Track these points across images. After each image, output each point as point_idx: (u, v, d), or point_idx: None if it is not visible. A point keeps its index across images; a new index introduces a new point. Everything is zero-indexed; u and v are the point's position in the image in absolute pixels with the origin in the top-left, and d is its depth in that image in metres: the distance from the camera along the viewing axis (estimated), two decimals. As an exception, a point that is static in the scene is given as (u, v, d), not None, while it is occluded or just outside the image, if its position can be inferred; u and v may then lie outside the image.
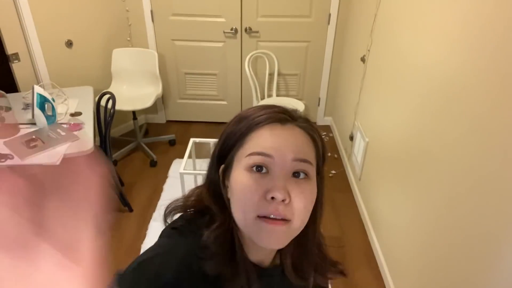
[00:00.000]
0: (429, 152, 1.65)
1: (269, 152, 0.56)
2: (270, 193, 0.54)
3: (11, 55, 2.53)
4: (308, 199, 0.57)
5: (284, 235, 0.56)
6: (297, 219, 0.56)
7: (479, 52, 1.29)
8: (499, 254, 1.18)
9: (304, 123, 0.61)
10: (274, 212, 0.54)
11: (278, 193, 0.53)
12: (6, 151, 1.94)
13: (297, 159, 0.56)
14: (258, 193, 0.54)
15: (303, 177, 0.57)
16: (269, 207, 0.54)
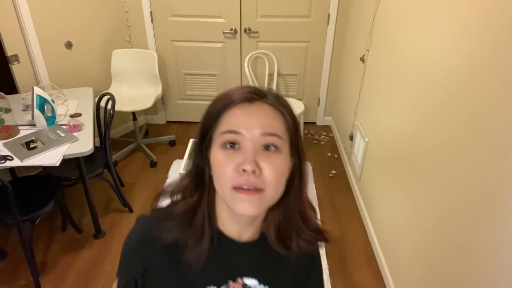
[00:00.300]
0: (429, 152, 1.65)
1: (239, 130, 0.61)
2: (241, 166, 0.60)
3: (11, 56, 2.53)
4: (278, 169, 0.62)
5: (258, 203, 0.61)
6: (268, 188, 0.61)
7: (478, 52, 1.29)
8: (499, 253, 1.17)
9: (273, 99, 0.65)
10: (246, 183, 0.60)
11: (248, 166, 0.59)
12: (6, 153, 1.94)
13: (265, 134, 0.62)
14: (231, 167, 0.61)
15: (273, 149, 0.62)
16: (241, 178, 0.60)
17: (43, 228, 2.49)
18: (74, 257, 2.28)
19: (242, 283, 0.72)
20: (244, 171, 0.60)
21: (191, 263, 0.67)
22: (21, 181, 2.22)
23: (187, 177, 0.71)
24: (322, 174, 3.08)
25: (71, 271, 2.18)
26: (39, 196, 2.08)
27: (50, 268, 2.20)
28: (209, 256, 0.68)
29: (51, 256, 2.28)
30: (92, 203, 2.32)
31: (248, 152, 0.61)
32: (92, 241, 2.39)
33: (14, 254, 2.28)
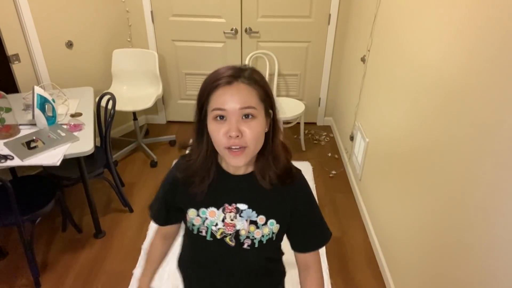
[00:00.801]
0: (430, 152, 1.64)
1: (223, 107, 0.84)
2: (228, 133, 0.84)
3: (12, 56, 2.53)
4: (255, 131, 0.85)
5: (244, 157, 0.87)
6: (250, 145, 0.86)
7: (479, 52, 1.29)
8: (499, 254, 1.17)
9: (247, 78, 0.86)
10: (233, 144, 0.85)
11: (233, 132, 0.83)
12: (6, 152, 1.94)
13: (242, 107, 0.83)
14: (222, 133, 0.84)
15: (250, 117, 0.85)
16: (230, 141, 0.84)
17: (43, 227, 2.49)
18: (74, 256, 2.28)
19: (236, 206, 0.97)
20: (231, 136, 0.83)
21: (197, 194, 0.97)
22: (21, 181, 2.22)
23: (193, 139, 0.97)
24: (323, 174, 3.08)
25: (71, 271, 2.18)
26: (40, 196, 2.08)
27: (51, 267, 2.20)
28: (211, 185, 0.97)
29: (52, 255, 2.28)
30: (92, 203, 2.33)
31: (232, 123, 0.84)
32: (92, 240, 2.39)
33: (14, 254, 2.28)
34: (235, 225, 0.97)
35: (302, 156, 3.31)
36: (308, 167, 3.14)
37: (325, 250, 2.32)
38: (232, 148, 0.85)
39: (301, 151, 3.39)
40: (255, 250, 0.98)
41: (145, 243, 2.36)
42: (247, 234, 0.97)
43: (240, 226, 0.97)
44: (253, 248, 0.97)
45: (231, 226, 0.97)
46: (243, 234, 0.97)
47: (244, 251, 0.98)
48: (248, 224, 0.97)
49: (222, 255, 1.00)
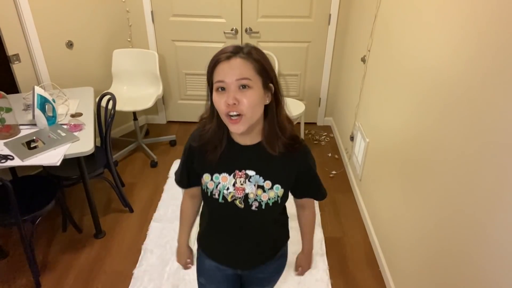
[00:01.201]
0: (430, 153, 1.64)
1: (223, 79, 0.96)
2: (227, 101, 0.96)
3: (12, 56, 2.53)
4: (250, 99, 0.96)
5: (241, 124, 0.98)
6: (246, 113, 0.96)
7: (480, 53, 1.29)
8: (500, 254, 1.17)
9: (245, 54, 0.98)
10: (231, 111, 0.96)
11: (230, 100, 0.95)
12: (7, 152, 1.94)
13: (238, 79, 0.95)
14: (222, 102, 0.97)
15: (246, 88, 0.96)
16: (228, 109, 0.96)
17: (43, 227, 2.49)
18: (75, 256, 2.28)
19: (245, 172, 1.10)
20: (229, 104, 0.96)
21: (210, 161, 1.10)
22: (21, 181, 2.22)
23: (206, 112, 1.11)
24: (323, 175, 3.08)
25: (72, 271, 2.18)
26: (40, 196, 2.08)
27: (51, 267, 2.20)
28: (223, 154, 1.09)
29: (52, 255, 2.28)
30: (92, 203, 2.33)
31: (230, 92, 0.96)
32: (92, 241, 2.39)
33: (14, 254, 2.28)
34: (244, 189, 1.10)
35: (302, 156, 3.31)
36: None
37: (325, 250, 2.32)
38: (231, 116, 0.97)
39: (301, 151, 3.39)
40: (262, 212, 1.11)
41: (145, 243, 2.36)
42: (255, 197, 1.10)
43: (248, 190, 1.10)
44: (260, 210, 1.11)
45: (241, 190, 1.10)
46: (251, 197, 1.10)
47: (252, 212, 1.11)
48: (256, 188, 1.10)
49: (233, 215, 1.14)
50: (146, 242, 2.37)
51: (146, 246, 2.34)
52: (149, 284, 2.09)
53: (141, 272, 2.16)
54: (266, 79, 1.01)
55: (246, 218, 1.13)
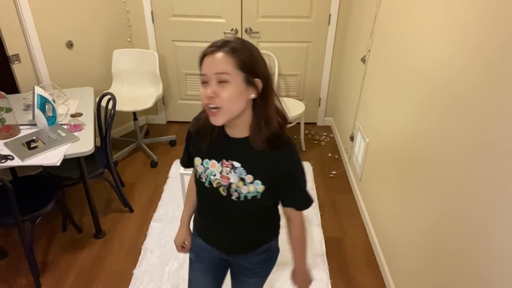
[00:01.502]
0: (430, 153, 1.64)
1: (205, 73, 1.01)
2: (207, 94, 1.00)
3: (12, 56, 2.53)
4: (228, 93, 0.99)
5: (219, 116, 1.02)
6: (223, 106, 1.00)
7: (480, 52, 1.29)
8: (500, 255, 1.17)
9: (228, 48, 1.00)
10: (209, 103, 1.01)
11: (209, 92, 1.00)
12: (7, 152, 1.94)
13: (217, 73, 0.99)
14: (204, 95, 1.01)
15: (224, 83, 0.99)
16: (208, 101, 1.01)
17: (43, 227, 2.49)
18: (75, 257, 2.28)
19: (231, 163, 1.14)
20: (208, 97, 1.00)
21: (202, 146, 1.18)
22: (21, 181, 2.22)
23: None
24: (323, 175, 3.08)
25: (72, 271, 2.18)
26: (40, 196, 2.08)
27: (51, 267, 2.20)
28: (215, 143, 1.16)
29: (52, 255, 2.28)
30: (92, 203, 2.33)
31: (210, 85, 1.00)
32: (92, 241, 2.39)
33: (14, 254, 2.28)
34: (229, 178, 1.15)
35: (302, 156, 3.30)
36: (308, 167, 3.14)
37: (325, 250, 2.32)
38: (210, 108, 1.02)
39: (301, 151, 3.39)
40: (240, 203, 1.16)
41: (145, 243, 2.36)
42: (236, 188, 1.15)
43: (233, 180, 1.15)
44: (239, 201, 1.16)
45: (226, 178, 1.16)
46: (233, 187, 1.15)
47: (232, 202, 1.17)
48: (238, 179, 1.14)
49: (216, 201, 1.20)
50: (146, 242, 2.37)
51: (146, 246, 2.34)
52: (149, 284, 2.09)
53: (141, 272, 2.16)
54: (249, 74, 1.01)
55: (227, 206, 1.19)
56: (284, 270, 2.12)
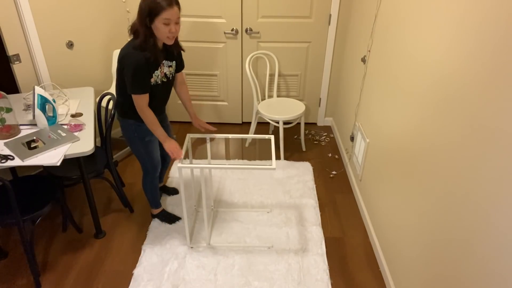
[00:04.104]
0: (430, 153, 1.64)
1: (170, 18, 1.81)
2: (171, 30, 1.85)
3: (12, 56, 2.54)
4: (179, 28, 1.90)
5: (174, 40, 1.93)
6: (178, 31, 1.89)
7: (481, 52, 1.29)
8: (500, 254, 1.17)
9: (178, 4, 1.85)
10: (172, 35, 1.87)
11: (173, 29, 1.85)
12: (7, 152, 1.94)
13: (177, 18, 1.84)
14: (167, 30, 1.84)
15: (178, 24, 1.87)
16: (170, 34, 1.85)
17: (43, 227, 2.49)
18: (75, 256, 2.28)
19: (163, 62, 2.00)
20: (170, 31, 1.85)
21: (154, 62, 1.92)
22: (22, 181, 2.22)
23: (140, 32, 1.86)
24: (323, 175, 3.08)
25: (72, 271, 2.18)
26: (40, 196, 2.09)
27: (51, 267, 2.20)
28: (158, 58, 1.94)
29: (52, 255, 2.29)
30: (92, 203, 2.33)
31: (172, 25, 1.83)
32: (92, 241, 2.40)
33: (14, 254, 2.29)
34: (164, 71, 2.04)
35: (302, 157, 3.31)
36: (308, 167, 3.14)
37: (325, 250, 2.32)
38: (169, 37, 1.86)
39: (302, 152, 3.39)
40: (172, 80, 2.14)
41: (145, 243, 2.36)
42: (170, 72, 2.09)
43: (166, 70, 2.05)
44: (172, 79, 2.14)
45: (163, 72, 2.03)
46: (168, 73, 2.07)
47: (170, 82, 2.11)
48: (167, 67, 2.05)
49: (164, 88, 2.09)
50: (146, 242, 2.37)
51: (146, 246, 2.34)
52: (149, 284, 2.09)
53: (141, 272, 2.16)
54: None
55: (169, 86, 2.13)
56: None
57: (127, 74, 1.87)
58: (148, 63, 1.86)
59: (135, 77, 1.86)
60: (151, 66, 1.89)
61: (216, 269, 2.17)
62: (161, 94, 2.08)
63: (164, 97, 2.14)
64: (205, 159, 3.24)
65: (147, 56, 1.84)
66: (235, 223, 2.53)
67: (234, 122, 3.89)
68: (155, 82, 1.96)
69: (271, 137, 2.24)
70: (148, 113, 1.97)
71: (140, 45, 1.84)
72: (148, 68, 1.88)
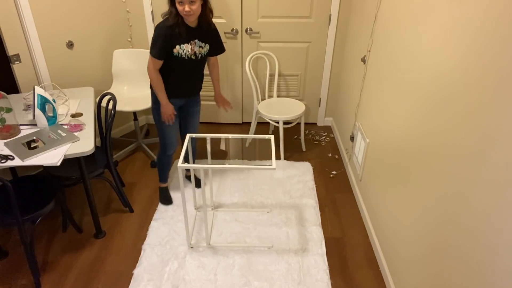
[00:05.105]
0: (430, 153, 1.64)
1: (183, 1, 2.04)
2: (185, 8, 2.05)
3: (12, 56, 2.54)
4: (195, 6, 2.05)
5: (191, 17, 2.11)
6: (194, 10, 2.07)
7: (481, 52, 1.29)
8: (500, 254, 1.17)
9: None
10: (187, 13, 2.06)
11: (187, 8, 2.05)
12: (7, 152, 1.94)
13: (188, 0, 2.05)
14: (181, 8, 2.05)
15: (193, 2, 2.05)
16: (184, 12, 2.06)
17: (43, 227, 2.49)
18: (75, 257, 2.28)
19: (195, 41, 2.24)
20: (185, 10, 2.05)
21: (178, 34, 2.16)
22: (22, 181, 2.23)
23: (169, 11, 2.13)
24: (323, 175, 3.08)
25: (72, 271, 2.18)
26: (40, 196, 2.09)
27: (51, 267, 2.21)
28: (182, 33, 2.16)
29: (52, 255, 2.29)
30: (92, 203, 2.33)
31: (186, 6, 2.04)
32: (92, 241, 2.40)
33: (14, 254, 2.29)
34: (194, 49, 2.25)
35: (302, 157, 3.31)
36: (308, 167, 3.14)
37: (325, 250, 2.32)
38: (186, 15, 2.07)
39: (302, 152, 3.39)
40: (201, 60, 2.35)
41: (145, 243, 2.36)
42: (200, 52, 2.29)
43: (196, 49, 2.27)
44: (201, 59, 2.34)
45: (193, 50, 2.25)
46: (197, 52, 2.28)
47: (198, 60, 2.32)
48: (198, 47, 2.27)
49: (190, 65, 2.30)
50: (146, 242, 2.37)
51: (146, 246, 2.34)
52: (149, 284, 2.09)
53: (141, 272, 2.16)
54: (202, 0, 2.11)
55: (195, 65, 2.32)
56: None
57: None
58: (171, 32, 2.11)
59: (153, 39, 2.14)
60: (175, 37, 2.13)
61: (216, 269, 2.17)
62: (188, 71, 2.29)
63: (192, 76, 2.34)
64: (205, 159, 3.24)
65: (170, 25, 2.09)
66: (235, 223, 2.53)
67: (234, 122, 3.89)
68: (179, 54, 2.18)
69: (271, 137, 2.24)
70: (154, 76, 2.21)
71: (167, 18, 2.13)
72: (170, 36, 2.12)
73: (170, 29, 2.10)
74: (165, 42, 2.12)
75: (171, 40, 2.13)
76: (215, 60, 2.48)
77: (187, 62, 2.23)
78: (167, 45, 2.14)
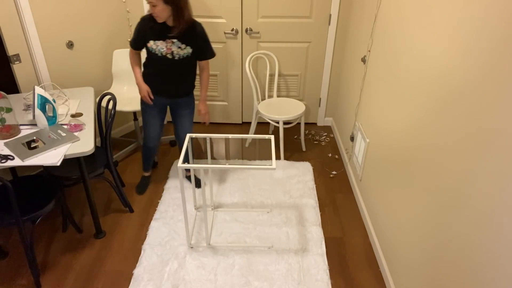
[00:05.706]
0: (430, 153, 1.64)
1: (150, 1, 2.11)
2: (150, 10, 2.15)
3: (12, 56, 2.54)
4: (157, 8, 2.11)
5: (159, 18, 2.18)
6: (157, 12, 2.14)
7: (481, 52, 1.29)
8: (499, 254, 1.17)
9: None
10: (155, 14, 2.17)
11: (151, 10, 2.14)
12: (7, 152, 1.94)
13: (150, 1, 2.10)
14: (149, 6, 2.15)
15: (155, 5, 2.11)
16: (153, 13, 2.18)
17: (43, 227, 2.49)
18: (75, 257, 2.28)
19: (173, 41, 2.25)
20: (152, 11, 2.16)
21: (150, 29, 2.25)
22: (22, 181, 2.22)
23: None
24: (323, 175, 3.08)
25: (72, 271, 2.18)
26: (40, 196, 2.09)
27: (51, 267, 2.20)
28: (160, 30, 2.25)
29: (52, 255, 2.29)
30: (92, 203, 2.33)
31: (150, 7, 2.12)
32: (92, 241, 2.40)
33: (14, 254, 2.29)
34: (171, 48, 2.26)
35: (302, 157, 3.31)
36: (308, 167, 3.14)
37: (325, 250, 2.32)
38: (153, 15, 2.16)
39: (302, 152, 3.39)
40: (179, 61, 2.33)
41: (145, 243, 2.36)
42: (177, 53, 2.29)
43: (174, 49, 2.27)
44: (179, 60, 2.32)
45: (169, 49, 2.27)
46: (174, 53, 2.28)
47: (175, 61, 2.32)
48: (177, 47, 2.27)
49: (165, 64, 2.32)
50: (146, 242, 2.37)
51: (146, 246, 2.34)
52: (149, 284, 2.09)
53: (141, 272, 2.16)
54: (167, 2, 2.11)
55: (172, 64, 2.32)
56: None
57: None
58: (145, 25, 2.25)
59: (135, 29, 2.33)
60: (148, 31, 2.24)
61: (216, 269, 2.17)
62: (165, 70, 2.34)
63: (171, 76, 2.37)
64: (205, 159, 3.24)
65: (146, 18, 2.25)
66: (235, 223, 2.53)
67: (234, 122, 3.89)
68: (153, 50, 2.27)
69: (271, 137, 2.24)
70: (130, 57, 2.43)
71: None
72: (143, 29, 2.26)
73: (145, 22, 2.24)
74: (139, 33, 2.28)
75: (144, 33, 2.26)
76: (204, 64, 2.46)
77: (162, 59, 2.28)
78: (140, 37, 2.28)
